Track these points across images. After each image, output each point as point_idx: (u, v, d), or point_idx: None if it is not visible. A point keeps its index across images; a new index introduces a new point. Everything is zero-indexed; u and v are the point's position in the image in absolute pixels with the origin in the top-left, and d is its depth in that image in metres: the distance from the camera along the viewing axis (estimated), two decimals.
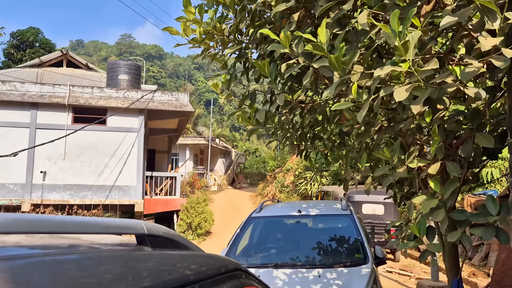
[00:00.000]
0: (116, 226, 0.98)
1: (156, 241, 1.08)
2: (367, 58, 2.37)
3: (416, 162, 2.49)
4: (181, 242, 1.17)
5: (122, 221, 1.01)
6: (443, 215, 2.48)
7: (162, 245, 1.10)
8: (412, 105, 2.08)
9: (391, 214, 11.06)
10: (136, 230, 1.03)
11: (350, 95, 2.40)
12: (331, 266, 4.28)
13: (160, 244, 1.09)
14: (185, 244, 1.19)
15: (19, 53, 31.03)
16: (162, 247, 1.10)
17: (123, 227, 1.01)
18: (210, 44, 3.28)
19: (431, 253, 2.67)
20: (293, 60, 2.67)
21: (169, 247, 1.13)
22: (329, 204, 5.70)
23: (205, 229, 15.57)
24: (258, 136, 69.36)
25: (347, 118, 3.53)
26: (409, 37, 1.94)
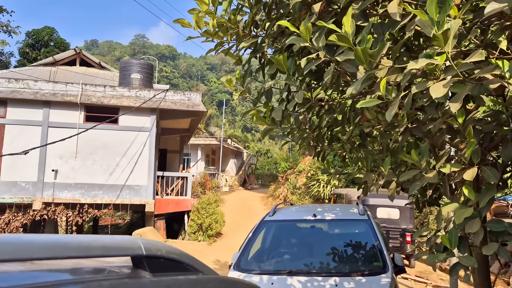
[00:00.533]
0: (107, 246, 0.78)
1: (157, 263, 0.88)
2: (396, 51, 2.15)
3: (449, 167, 2.26)
4: (187, 263, 0.96)
5: (114, 239, 0.81)
6: (479, 226, 2.24)
7: (164, 268, 0.90)
8: (450, 102, 1.85)
9: (406, 218, 10.75)
10: (132, 250, 0.83)
11: (377, 91, 2.19)
12: (349, 274, 4.05)
13: (162, 267, 0.89)
14: (192, 265, 0.98)
15: (34, 52, 31.31)
16: (164, 270, 0.89)
17: (115, 248, 0.81)
18: (223, 38, 3.08)
19: (463, 267, 2.43)
20: (314, 55, 2.46)
21: (173, 270, 0.92)
22: (345, 208, 5.46)
23: (216, 230, 15.39)
24: (270, 137, 69.15)
25: (368, 118, 3.31)
26: (448, 25, 1.71)
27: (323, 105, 3.12)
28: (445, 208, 2.38)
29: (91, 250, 0.76)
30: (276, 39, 3.12)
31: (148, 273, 0.87)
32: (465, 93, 1.83)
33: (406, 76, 2.05)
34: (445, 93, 1.77)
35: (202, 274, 0.99)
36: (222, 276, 1.09)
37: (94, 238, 0.79)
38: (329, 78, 2.45)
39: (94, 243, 0.77)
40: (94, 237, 0.81)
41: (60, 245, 0.71)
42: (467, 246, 2.50)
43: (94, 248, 0.76)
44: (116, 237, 0.85)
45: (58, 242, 0.71)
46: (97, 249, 0.77)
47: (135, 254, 0.85)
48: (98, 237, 0.83)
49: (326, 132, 3.93)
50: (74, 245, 0.73)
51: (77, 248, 0.73)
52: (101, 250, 0.79)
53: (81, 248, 0.74)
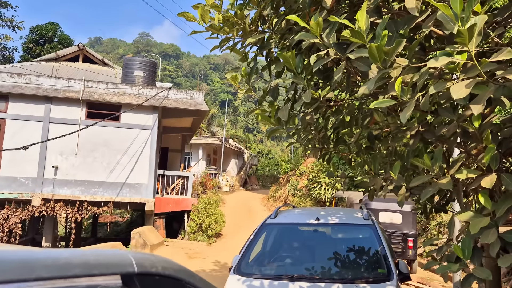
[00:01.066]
0: (89, 263, 0.65)
1: (151, 282, 0.74)
2: (413, 49, 2.03)
3: (466, 173, 2.13)
4: (186, 280, 0.82)
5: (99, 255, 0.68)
6: (495, 236, 2.11)
7: (159, 286, 0.76)
8: (471, 104, 1.73)
9: (409, 223, 10.61)
10: (121, 267, 0.70)
11: (391, 91, 2.07)
12: (352, 281, 3.92)
13: (157, 286, 0.76)
14: (192, 283, 0.84)
15: (37, 47, 31.24)
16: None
17: (100, 265, 0.68)
18: (229, 34, 2.96)
19: (477, 279, 2.30)
20: (324, 52, 2.34)
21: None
22: (349, 212, 5.33)
23: (216, 230, 15.28)
24: (273, 138, 69.04)
25: (376, 120, 3.18)
26: (472, 21, 1.59)
27: (331, 106, 2.99)
28: (460, 216, 2.25)
29: (69, 268, 0.62)
30: (283, 35, 3.00)
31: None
32: (488, 95, 1.71)
33: (423, 76, 1.93)
34: (467, 94, 1.65)
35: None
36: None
37: (75, 253, 0.66)
38: (339, 76, 2.33)
39: (74, 260, 0.63)
40: (76, 252, 0.68)
41: (29, 263, 0.58)
42: (481, 257, 2.37)
43: (73, 266, 0.62)
44: (103, 252, 0.72)
45: (27, 259, 0.58)
46: (77, 267, 0.63)
47: (125, 272, 0.72)
48: (81, 252, 0.70)
49: (332, 134, 3.81)
50: (48, 263, 0.60)
51: (50, 267, 0.59)
52: (82, 269, 0.64)
53: (57, 266, 0.60)
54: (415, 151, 3.02)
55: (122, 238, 16.44)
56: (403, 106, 2.02)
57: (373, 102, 2.03)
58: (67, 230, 20.93)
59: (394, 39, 2.12)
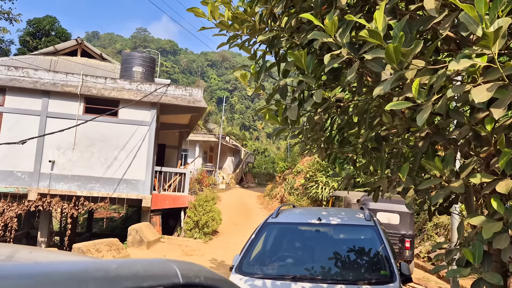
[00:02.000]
0: (139, 275, 0.61)
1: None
2: (431, 51, 2.00)
3: (480, 177, 2.11)
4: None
5: (146, 265, 0.64)
6: (508, 242, 2.09)
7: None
8: (492, 108, 1.70)
9: (406, 224, 10.61)
10: (167, 278, 0.67)
11: (407, 93, 2.04)
12: (354, 282, 3.90)
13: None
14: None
15: (34, 41, 30.99)
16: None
17: (148, 276, 0.64)
18: (238, 31, 2.92)
19: (487, 284, 2.28)
20: (337, 52, 2.30)
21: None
22: (351, 213, 5.31)
23: (212, 228, 15.23)
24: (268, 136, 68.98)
25: (384, 121, 3.16)
26: (497, 23, 1.56)
27: (341, 106, 2.96)
28: (471, 220, 2.23)
29: (121, 281, 0.59)
30: (292, 34, 2.97)
31: None
32: (509, 99, 1.68)
33: (441, 78, 1.90)
34: (489, 97, 1.62)
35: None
36: None
37: (122, 264, 0.63)
38: (352, 76, 2.30)
39: (123, 271, 0.59)
40: (122, 262, 0.65)
41: (81, 277, 0.54)
42: (491, 261, 2.35)
43: (124, 278, 0.59)
44: (147, 262, 0.69)
45: (77, 272, 0.54)
46: (128, 279, 0.60)
47: (171, 284, 0.69)
48: (127, 262, 0.66)
49: (337, 134, 3.78)
50: (99, 276, 0.57)
51: (101, 280, 0.56)
52: (132, 281, 0.62)
53: (108, 279, 0.57)
54: (424, 153, 2.99)
55: (118, 234, 16.36)
56: (419, 108, 1.99)
57: (389, 104, 2.00)
58: (62, 225, 20.82)
59: (409, 40, 2.10)
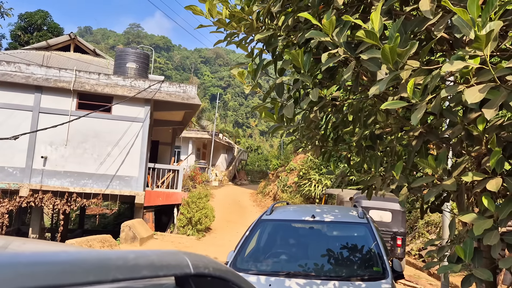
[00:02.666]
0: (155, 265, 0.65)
1: (203, 283, 0.76)
2: (426, 52, 2.04)
3: (471, 175, 2.16)
4: (233, 281, 0.84)
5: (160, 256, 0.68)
6: (498, 238, 2.15)
7: (210, 287, 0.78)
8: (484, 109, 1.75)
9: (398, 222, 10.73)
10: (180, 268, 0.71)
11: (402, 93, 2.09)
12: (348, 278, 3.96)
13: (208, 287, 0.77)
14: (239, 284, 0.86)
15: (26, 35, 30.69)
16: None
17: (163, 266, 0.68)
18: (236, 29, 2.95)
19: (477, 280, 2.34)
20: (334, 51, 2.34)
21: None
22: (344, 210, 5.38)
23: (205, 225, 15.26)
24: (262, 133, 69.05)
25: (378, 120, 3.21)
26: (489, 26, 1.61)
27: (336, 105, 3.01)
28: (463, 218, 2.29)
29: (140, 269, 0.63)
30: (289, 33, 3.00)
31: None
32: (501, 100, 1.73)
33: (435, 79, 1.95)
34: (482, 98, 1.67)
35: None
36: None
37: (139, 254, 0.66)
38: (349, 75, 2.34)
39: (141, 261, 0.63)
40: (139, 253, 0.68)
41: (105, 265, 0.58)
42: (482, 258, 2.41)
43: (142, 267, 0.63)
44: (160, 252, 0.73)
45: (102, 261, 0.58)
46: (145, 268, 0.64)
47: (184, 273, 0.73)
48: (143, 252, 0.70)
49: (332, 132, 3.83)
50: (120, 264, 0.60)
51: (123, 268, 0.60)
52: (150, 270, 0.66)
53: (128, 267, 0.61)
54: (417, 152, 3.05)
55: (110, 231, 16.33)
56: (413, 108, 2.04)
57: (385, 103, 2.04)
58: (54, 221, 20.70)
59: (404, 41, 2.14)
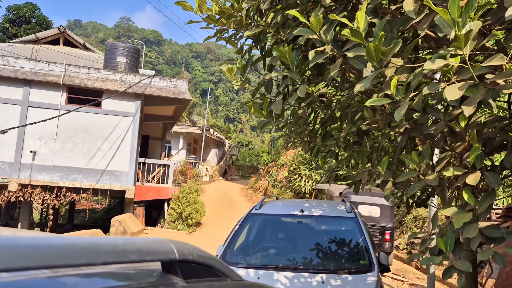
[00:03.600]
0: (142, 250, 0.70)
1: (188, 268, 0.81)
2: (409, 50, 2.10)
3: (452, 170, 2.24)
4: (217, 267, 0.89)
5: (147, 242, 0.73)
6: (477, 231, 2.23)
7: (195, 273, 0.83)
8: (463, 106, 1.82)
9: (387, 217, 10.88)
10: (165, 254, 0.75)
11: (386, 90, 2.15)
12: (335, 272, 4.04)
13: (193, 272, 0.82)
14: (222, 270, 0.91)
15: (14, 28, 30.27)
16: (196, 276, 0.82)
17: (150, 252, 0.73)
18: (225, 26, 2.98)
19: (457, 271, 2.43)
20: (321, 48, 2.40)
21: (204, 276, 0.85)
22: (333, 205, 5.46)
23: (196, 220, 15.30)
24: (252, 128, 69.05)
25: (365, 116, 3.27)
26: (468, 27, 1.67)
27: (323, 101, 3.06)
28: (444, 211, 2.36)
29: (128, 254, 0.68)
30: (278, 30, 3.04)
31: (180, 279, 0.80)
32: (479, 97, 1.80)
33: (418, 76, 2.01)
34: (460, 96, 1.74)
35: (230, 280, 0.92)
36: (248, 282, 1.02)
37: (128, 241, 0.71)
38: (336, 73, 2.39)
39: (129, 246, 0.68)
40: (127, 240, 0.73)
41: (95, 249, 0.62)
42: (462, 250, 2.49)
43: (130, 252, 0.68)
44: (147, 240, 0.77)
45: (93, 246, 0.63)
46: (133, 253, 0.69)
47: (168, 259, 0.77)
48: (131, 239, 0.75)
49: (320, 128, 3.89)
50: (110, 249, 0.65)
51: (113, 252, 0.65)
52: (138, 254, 0.71)
53: (117, 252, 0.65)
54: (403, 148, 3.12)
55: (100, 225, 16.29)
56: (397, 105, 2.10)
57: (369, 100, 2.10)
58: (43, 216, 20.57)
59: (389, 39, 2.20)
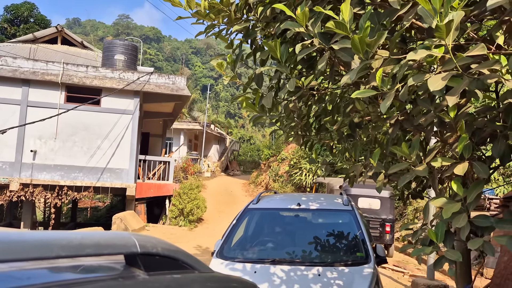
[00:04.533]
0: (100, 244, 0.71)
1: (151, 261, 0.82)
2: (394, 41, 2.10)
3: (440, 161, 2.24)
4: (183, 260, 0.90)
5: (107, 236, 0.74)
6: (466, 221, 2.24)
7: (159, 266, 0.84)
8: (447, 96, 1.82)
9: (387, 209, 10.90)
10: (126, 248, 0.76)
11: (372, 82, 2.15)
12: (331, 264, 4.06)
13: (157, 265, 0.83)
14: (189, 262, 0.92)
15: (12, 28, 30.26)
16: (159, 268, 0.83)
17: (109, 246, 0.74)
18: (215, 21, 2.98)
19: (448, 261, 2.44)
20: (309, 41, 2.39)
21: (169, 268, 0.86)
22: (330, 198, 5.47)
23: (197, 215, 15.36)
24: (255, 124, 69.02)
25: (357, 109, 3.27)
26: (450, 17, 1.67)
27: (314, 94, 3.06)
28: (434, 202, 2.37)
29: (83, 248, 0.69)
30: (268, 24, 3.04)
31: (142, 272, 0.81)
32: (463, 87, 1.80)
33: (403, 68, 2.01)
34: (443, 86, 1.74)
35: (198, 272, 0.93)
36: (218, 273, 1.03)
37: (86, 235, 0.72)
38: (323, 65, 2.39)
39: (86, 241, 0.69)
40: (86, 234, 0.74)
41: (48, 244, 0.64)
42: (453, 240, 2.50)
43: (86, 246, 0.69)
44: (108, 234, 0.79)
45: (45, 240, 0.64)
46: (89, 247, 0.70)
47: (129, 252, 0.78)
48: (90, 233, 0.76)
49: (314, 122, 3.89)
50: (64, 243, 0.66)
51: (67, 247, 0.66)
52: (94, 248, 0.72)
53: (72, 246, 0.67)
54: (394, 139, 3.13)
55: (102, 223, 16.36)
56: (383, 96, 2.10)
57: (355, 92, 2.11)
58: (46, 215, 20.67)
59: (377, 31, 2.19)
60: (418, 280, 7.69)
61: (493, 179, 12.84)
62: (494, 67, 1.74)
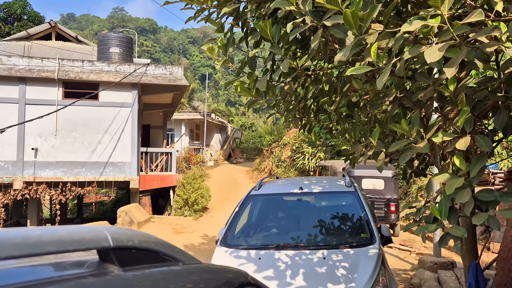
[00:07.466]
0: (63, 240, 0.65)
1: (127, 255, 0.76)
2: (388, 13, 2.02)
3: (441, 136, 2.17)
4: (165, 252, 0.84)
5: (73, 231, 0.68)
6: (470, 196, 2.18)
7: (137, 260, 0.78)
8: (445, 68, 1.75)
9: (391, 189, 10.87)
10: (96, 243, 0.70)
11: (367, 58, 2.07)
12: (336, 247, 4.03)
13: (134, 259, 0.77)
14: (171, 254, 0.86)
15: (6, 26, 30.04)
16: (137, 263, 0.77)
17: (74, 241, 0.67)
18: (203, 5, 2.89)
19: (453, 237, 2.39)
20: (300, 20, 2.31)
21: (148, 262, 0.80)
22: (332, 180, 5.42)
23: (202, 205, 15.38)
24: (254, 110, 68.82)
25: (355, 88, 3.19)
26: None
27: (309, 75, 2.99)
28: (436, 178, 2.31)
29: (42, 246, 0.62)
30: (260, 5, 2.95)
31: (116, 268, 0.75)
32: (461, 57, 1.73)
33: (398, 41, 1.93)
34: (441, 57, 1.67)
35: (182, 264, 0.87)
36: (205, 264, 0.97)
37: (47, 231, 0.66)
38: (316, 44, 2.31)
39: (46, 237, 0.63)
40: (47, 229, 0.68)
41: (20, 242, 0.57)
42: (457, 216, 2.45)
43: (46, 244, 0.63)
44: (79, 228, 0.73)
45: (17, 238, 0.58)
46: (50, 244, 0.63)
47: (100, 247, 0.72)
48: (53, 229, 0.70)
49: (312, 104, 3.82)
50: (18, 241, 0.60)
51: (21, 245, 0.59)
52: (56, 245, 0.65)
53: (27, 244, 0.60)
54: (394, 117, 3.06)
55: (109, 217, 16.42)
56: (379, 72, 2.03)
57: (350, 69, 2.03)
58: (52, 212, 20.78)
59: (370, 4, 2.11)
60: (425, 258, 7.68)
61: (496, 153, 12.76)
62: (493, 34, 1.66)
